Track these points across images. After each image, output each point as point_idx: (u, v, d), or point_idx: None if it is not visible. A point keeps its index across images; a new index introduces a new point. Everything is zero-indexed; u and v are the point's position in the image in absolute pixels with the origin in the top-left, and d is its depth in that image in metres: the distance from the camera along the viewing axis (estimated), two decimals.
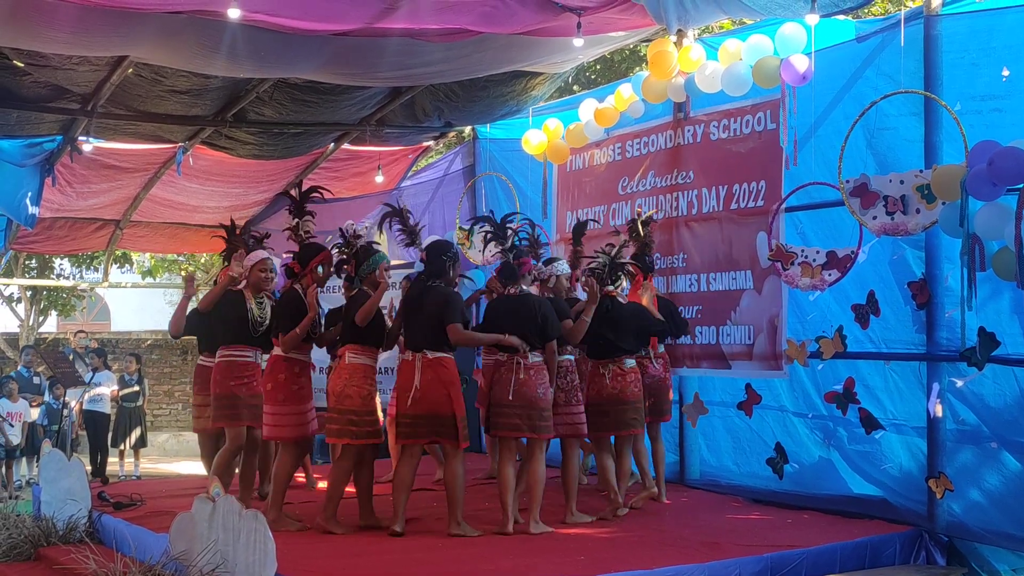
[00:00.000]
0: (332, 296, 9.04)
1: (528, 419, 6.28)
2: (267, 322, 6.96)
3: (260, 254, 7.09)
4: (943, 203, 5.86)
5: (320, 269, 6.66)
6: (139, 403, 13.28)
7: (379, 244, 6.97)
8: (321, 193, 7.19)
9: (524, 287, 6.53)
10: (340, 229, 6.82)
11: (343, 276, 6.88)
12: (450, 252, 6.39)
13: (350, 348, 6.42)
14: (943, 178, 5.82)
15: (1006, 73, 6.20)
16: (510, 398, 6.26)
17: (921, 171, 6.16)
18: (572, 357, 6.81)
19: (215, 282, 8.01)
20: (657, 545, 5.99)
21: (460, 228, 10.07)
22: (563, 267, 7.13)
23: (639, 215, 7.95)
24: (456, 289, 6.41)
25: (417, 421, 6.18)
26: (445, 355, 6.22)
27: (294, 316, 6.51)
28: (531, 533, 6.24)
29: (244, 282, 7.03)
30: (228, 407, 6.92)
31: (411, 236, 6.67)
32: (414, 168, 11.61)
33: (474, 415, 9.74)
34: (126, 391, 13.16)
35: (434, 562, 5.61)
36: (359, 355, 6.41)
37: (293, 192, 7.11)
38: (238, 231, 7.61)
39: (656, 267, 7.88)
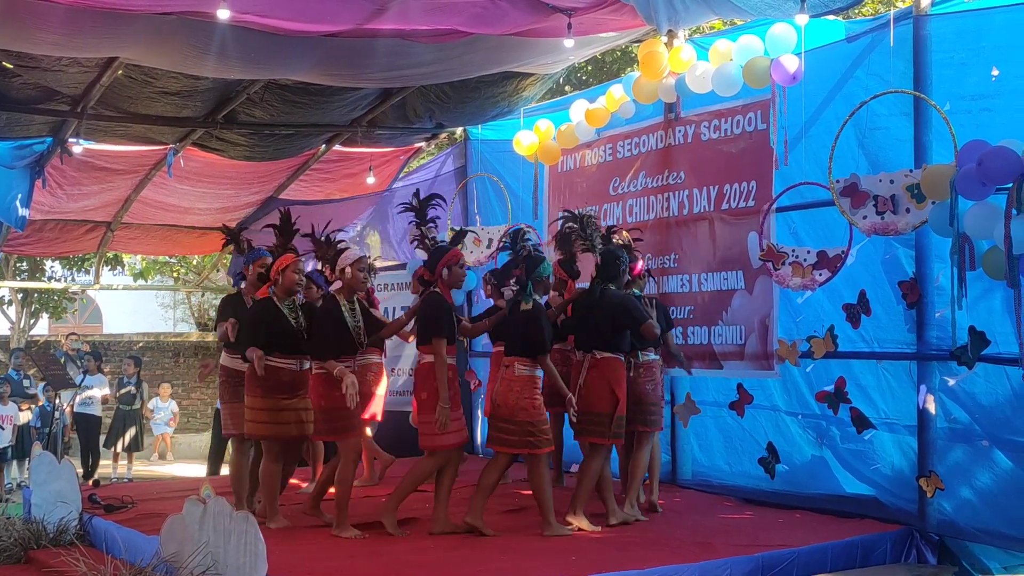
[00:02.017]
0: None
1: (642, 415, 6.81)
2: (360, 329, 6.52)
3: (356, 252, 6.53)
4: (933, 203, 5.89)
5: (446, 272, 6.41)
6: (136, 406, 13.25)
7: (371, 245, 6.97)
8: (441, 200, 7.15)
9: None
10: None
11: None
12: (623, 258, 6.61)
13: (520, 361, 6.37)
14: (933, 178, 5.84)
15: (995, 73, 6.22)
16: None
17: (911, 171, 6.19)
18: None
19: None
20: (649, 545, 6.00)
21: (451, 229, 10.05)
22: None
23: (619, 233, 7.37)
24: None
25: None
26: (614, 356, 6.53)
27: (446, 320, 6.33)
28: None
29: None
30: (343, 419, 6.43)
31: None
32: (406, 169, 11.60)
33: (471, 417, 9.81)
34: (122, 392, 13.13)
35: (424, 564, 5.60)
36: (527, 367, 6.37)
37: (415, 202, 6.88)
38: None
39: (649, 267, 7.87)
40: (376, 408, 7.59)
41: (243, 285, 7.04)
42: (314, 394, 6.38)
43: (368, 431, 7.66)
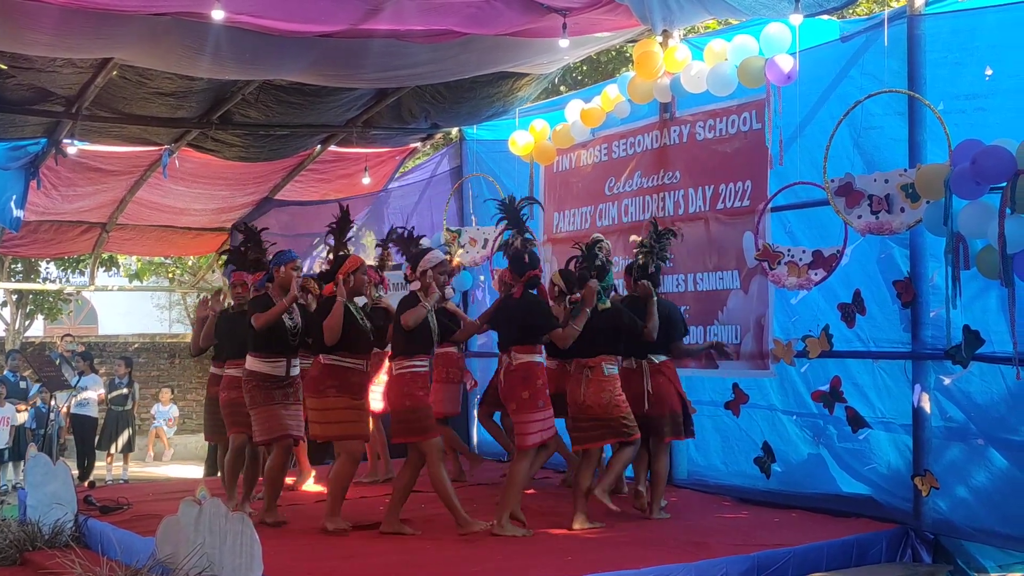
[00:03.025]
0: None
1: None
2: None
3: (439, 255, 6.53)
4: (927, 202, 5.90)
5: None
6: (128, 407, 13.25)
7: (366, 246, 6.98)
8: (537, 201, 7.29)
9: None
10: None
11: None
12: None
13: (605, 359, 6.53)
14: (927, 177, 5.86)
15: (989, 72, 6.23)
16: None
17: (905, 170, 6.20)
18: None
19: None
20: (645, 545, 5.99)
21: (448, 230, 10.07)
22: None
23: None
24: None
25: (650, 422, 6.72)
26: (666, 359, 6.97)
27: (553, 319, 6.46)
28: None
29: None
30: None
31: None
32: (401, 170, 11.61)
33: (465, 418, 9.83)
34: (114, 394, 13.13)
35: (421, 564, 5.60)
36: (614, 364, 6.61)
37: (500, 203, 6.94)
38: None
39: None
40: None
41: (269, 285, 6.82)
42: (393, 395, 6.34)
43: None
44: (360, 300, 6.80)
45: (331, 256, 6.86)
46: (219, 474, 7.64)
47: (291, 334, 6.62)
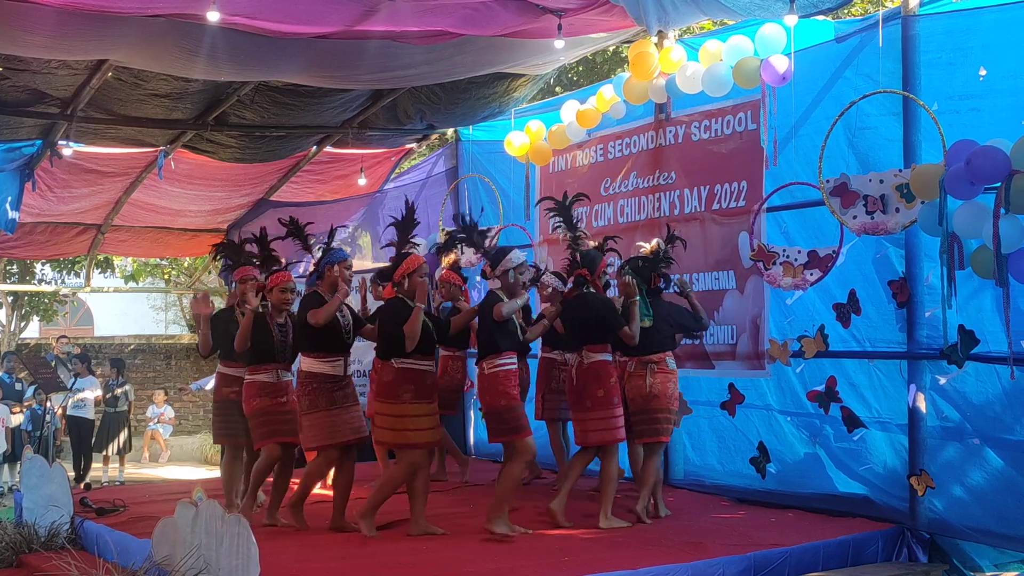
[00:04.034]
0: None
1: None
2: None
3: (520, 256, 6.52)
4: (922, 202, 5.91)
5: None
6: (123, 408, 13.24)
7: (362, 247, 6.97)
8: (584, 199, 7.27)
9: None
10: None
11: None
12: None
13: (668, 355, 6.89)
14: (922, 177, 5.86)
15: (983, 73, 6.24)
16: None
17: (900, 170, 6.22)
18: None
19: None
20: (641, 545, 6.00)
21: (443, 230, 10.08)
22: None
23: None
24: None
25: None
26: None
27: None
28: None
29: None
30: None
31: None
32: (397, 170, 11.62)
33: (457, 419, 9.82)
34: (108, 395, 13.13)
35: (416, 564, 5.61)
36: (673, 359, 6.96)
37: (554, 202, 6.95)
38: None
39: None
40: None
41: (318, 283, 6.62)
42: (488, 394, 6.32)
43: None
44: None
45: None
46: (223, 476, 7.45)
47: (345, 332, 6.50)
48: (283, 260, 7.20)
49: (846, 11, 8.90)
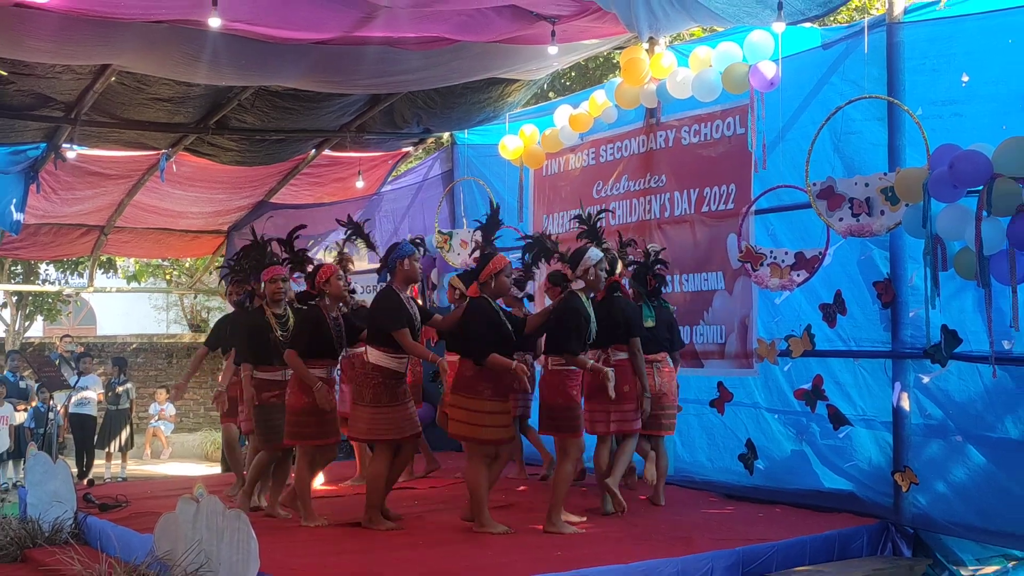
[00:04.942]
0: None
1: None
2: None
3: (599, 253, 6.47)
4: (906, 205, 6.00)
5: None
6: (125, 405, 13.34)
7: (360, 248, 7.02)
8: (611, 212, 7.45)
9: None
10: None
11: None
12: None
13: (670, 355, 7.23)
14: (906, 181, 5.95)
15: (965, 79, 6.35)
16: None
17: (885, 174, 6.32)
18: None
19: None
20: (632, 540, 6.08)
21: (439, 232, 10.19)
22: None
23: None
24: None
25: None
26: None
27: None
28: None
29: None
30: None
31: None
32: (394, 173, 11.68)
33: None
34: (110, 393, 13.23)
35: (413, 559, 5.68)
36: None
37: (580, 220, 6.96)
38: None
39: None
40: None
41: (390, 279, 6.57)
42: (549, 390, 6.42)
43: None
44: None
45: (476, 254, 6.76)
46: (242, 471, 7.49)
47: (415, 329, 6.44)
48: (313, 261, 7.13)
49: (832, 18, 8.99)
